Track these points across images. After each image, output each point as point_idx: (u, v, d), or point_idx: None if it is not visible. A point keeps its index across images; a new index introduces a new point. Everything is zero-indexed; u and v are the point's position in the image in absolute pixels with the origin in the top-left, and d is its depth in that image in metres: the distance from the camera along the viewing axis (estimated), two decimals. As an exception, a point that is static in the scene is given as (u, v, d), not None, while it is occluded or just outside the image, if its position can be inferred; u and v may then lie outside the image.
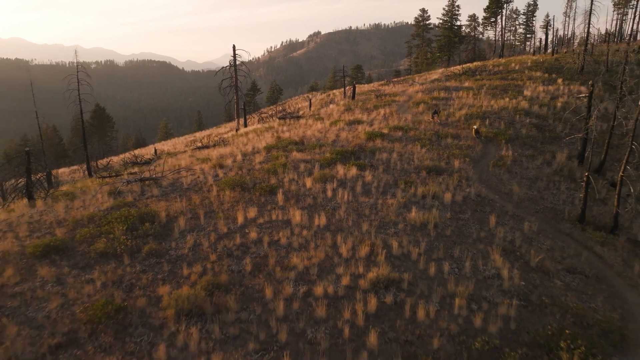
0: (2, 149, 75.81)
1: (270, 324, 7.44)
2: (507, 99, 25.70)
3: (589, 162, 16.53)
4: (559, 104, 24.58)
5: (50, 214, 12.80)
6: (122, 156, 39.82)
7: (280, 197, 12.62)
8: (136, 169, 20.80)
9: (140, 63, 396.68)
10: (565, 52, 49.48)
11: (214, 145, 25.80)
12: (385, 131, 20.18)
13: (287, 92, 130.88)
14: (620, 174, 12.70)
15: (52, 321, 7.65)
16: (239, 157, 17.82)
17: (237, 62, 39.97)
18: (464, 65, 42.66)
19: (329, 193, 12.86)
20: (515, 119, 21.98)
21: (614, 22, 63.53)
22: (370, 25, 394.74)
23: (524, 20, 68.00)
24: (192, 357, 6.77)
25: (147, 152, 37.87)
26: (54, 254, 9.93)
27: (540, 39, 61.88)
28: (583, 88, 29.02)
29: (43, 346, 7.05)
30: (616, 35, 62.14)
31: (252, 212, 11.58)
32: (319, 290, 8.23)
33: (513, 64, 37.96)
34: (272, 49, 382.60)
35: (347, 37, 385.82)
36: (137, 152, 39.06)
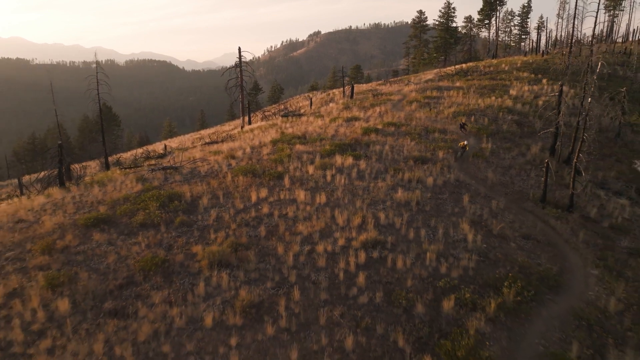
0: (11, 147, 78.01)
1: (282, 271, 9.64)
2: (493, 98, 27.90)
3: (559, 153, 18.70)
4: (540, 102, 26.76)
5: (88, 196, 14.99)
6: (131, 152, 41.94)
7: (286, 181, 14.82)
8: (153, 162, 22.98)
9: (141, 63, 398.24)
10: (555, 53, 51.72)
11: (222, 141, 27.98)
12: (380, 127, 22.37)
13: (288, 92, 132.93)
14: (575, 161, 14.90)
15: (112, 270, 9.86)
16: (248, 149, 20.00)
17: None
18: (457, 66, 44.83)
19: (328, 178, 15.06)
20: (498, 116, 24.16)
21: (605, 23, 65.67)
22: (370, 25, 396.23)
23: (519, 21, 70.15)
24: (224, 292, 8.97)
25: (156, 148, 40.05)
26: (102, 224, 12.12)
27: (532, 40, 63.90)
28: (565, 88, 31.19)
29: (109, 285, 9.25)
30: (606, 36, 64.34)
31: (263, 193, 13.78)
32: (320, 248, 10.43)
33: (503, 65, 40.15)
34: (272, 49, 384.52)
35: (347, 37, 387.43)
36: (148, 148, 41.19)
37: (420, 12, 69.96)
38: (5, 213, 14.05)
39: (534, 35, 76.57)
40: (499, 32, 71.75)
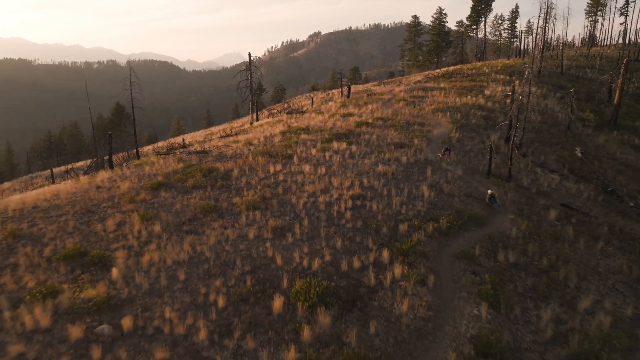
0: (16, 146, 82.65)
1: (295, 211, 14.49)
2: (469, 97, 32.78)
3: (511, 140, 23.52)
4: (508, 101, 31.59)
5: (143, 172, 19.83)
6: (152, 146, 46.73)
7: (295, 159, 19.69)
8: (180, 150, 27.79)
9: (142, 63, 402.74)
10: (537, 56, 56.52)
11: (236, 134, 32.86)
12: (370, 121, 27.26)
13: (289, 92, 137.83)
14: (511, 144, 19.77)
15: (181, 211, 14.72)
16: (262, 139, 24.88)
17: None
18: (444, 69, 49.75)
19: (327, 157, 19.93)
20: (470, 112, 29.02)
21: (587, 28, 70.60)
22: (370, 25, 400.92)
23: (509, 25, 75.06)
24: (258, 221, 13.80)
25: (174, 142, 44.88)
26: (164, 187, 16.98)
27: (516, 44, 68.80)
28: (533, 88, 36.08)
29: (182, 219, 14.12)
30: (588, 40, 69.28)
31: (278, 167, 18.65)
32: (320, 199, 15.29)
33: (485, 68, 45.06)
34: (273, 49, 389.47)
35: (347, 37, 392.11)
36: (169, 141, 45.99)
37: (415, 17, 74.93)
38: (79, 185, 18.88)
39: (524, 38, 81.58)
40: (490, 35, 76.80)
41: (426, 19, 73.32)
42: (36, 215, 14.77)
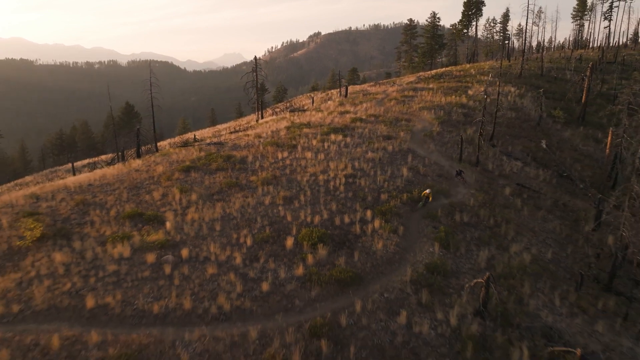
0: (32, 144, 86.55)
1: (300, 186, 18.49)
2: (454, 97, 36.76)
3: (478, 132, 27.49)
4: (488, 100, 35.56)
5: (171, 159, 23.81)
6: (165, 142, 50.68)
7: (299, 148, 23.69)
8: (196, 143, 31.73)
9: (143, 63, 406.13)
10: (527, 59, 60.56)
11: (245, 130, 36.84)
12: (364, 117, 31.25)
13: (289, 92, 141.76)
14: (479, 135, 23.77)
15: (210, 186, 18.71)
16: (269, 132, 28.88)
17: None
18: (434, 71, 53.76)
19: (326, 146, 23.93)
20: (452, 110, 33.00)
21: (573, 31, 74.66)
22: (369, 25, 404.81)
23: (500, 28, 79.04)
24: (271, 193, 17.78)
25: (187, 137, 48.90)
26: (192, 169, 20.96)
27: (505, 47, 72.70)
28: (512, 89, 40.16)
29: (211, 191, 18.12)
30: (573, 43, 73.29)
31: (285, 154, 22.65)
32: (320, 177, 19.29)
33: (472, 70, 49.05)
34: (273, 49, 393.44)
35: (347, 38, 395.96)
36: (182, 136, 49.93)
37: (411, 20, 78.88)
38: (119, 170, 22.85)
39: (514, 40, 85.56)
40: (484, 37, 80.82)
41: (425, 19, 76.86)
42: (94, 190, 18.79)
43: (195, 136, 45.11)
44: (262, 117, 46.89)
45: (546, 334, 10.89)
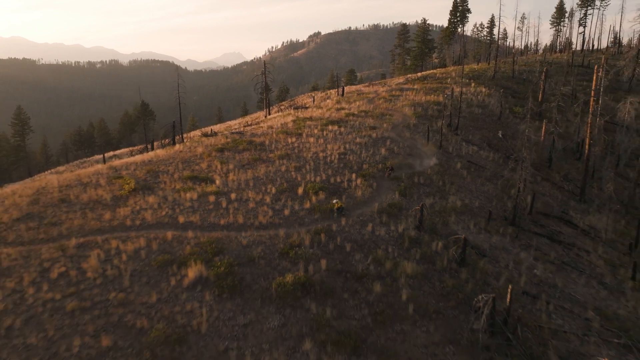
0: (62, 138, 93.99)
1: (306, 159, 25.91)
2: (432, 96, 44.18)
3: (450, 124, 34.88)
4: (454, 99, 42.96)
5: (204, 144, 31.18)
6: (190, 134, 58.11)
7: (304, 135, 31.11)
8: (219, 133, 39.06)
9: (144, 62, 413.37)
10: (503, 62, 68.08)
11: (257, 123, 44.23)
12: (356, 112, 38.65)
13: (290, 91, 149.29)
14: (440, 125, 31.16)
15: (240, 161, 26.13)
16: (279, 125, 36.28)
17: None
18: (421, 73, 61.20)
19: (324, 134, 31.34)
20: (429, 107, 40.40)
21: (552, 36, 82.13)
22: (369, 25, 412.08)
23: (487, 32, 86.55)
24: (285, 164, 25.18)
25: (205, 131, 56.20)
26: (224, 150, 28.37)
27: (491, 50, 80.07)
28: (484, 89, 47.58)
29: (242, 163, 25.55)
30: (551, 47, 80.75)
31: (294, 139, 30.08)
32: (320, 154, 26.72)
33: (453, 72, 56.48)
34: (273, 49, 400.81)
35: (347, 38, 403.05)
36: (202, 130, 57.21)
37: (404, 26, 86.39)
38: (164, 152, 30.18)
39: (501, 44, 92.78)
40: (471, 41, 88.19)
41: (425, 18, 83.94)
42: (156, 163, 26.18)
43: (212, 130, 52.42)
44: (270, 114, 54.29)
45: (456, 238, 18.28)
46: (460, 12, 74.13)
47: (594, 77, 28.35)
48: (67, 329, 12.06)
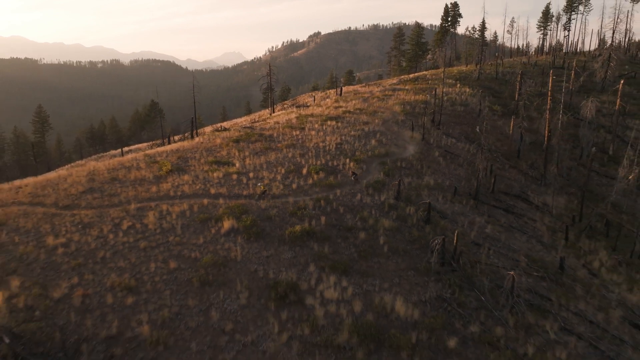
0: (75, 135, 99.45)
1: (309, 148, 31.41)
2: (421, 96, 49.66)
3: (434, 120, 40.32)
4: (445, 98, 48.49)
5: (221, 136, 36.65)
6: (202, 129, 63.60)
7: (306, 129, 36.61)
8: (231, 128, 44.54)
9: (145, 62, 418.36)
10: (490, 64, 73.56)
11: (264, 120, 49.70)
12: (351, 110, 44.14)
13: (291, 91, 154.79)
14: (422, 121, 36.63)
15: (254, 149, 31.62)
16: (284, 120, 41.76)
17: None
18: (413, 74, 66.71)
19: (324, 128, 36.84)
20: (417, 105, 45.89)
21: (539, 40, 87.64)
22: (369, 26, 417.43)
23: (479, 35, 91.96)
24: (291, 151, 30.67)
25: (216, 127, 61.63)
26: (239, 141, 33.85)
27: (483, 52, 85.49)
28: (468, 89, 53.06)
29: (255, 151, 31.04)
30: (538, 50, 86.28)
31: (298, 132, 35.59)
32: (320, 144, 32.22)
33: (441, 74, 61.88)
34: (274, 49, 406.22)
35: (347, 38, 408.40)
36: (213, 126, 62.61)
37: (399, 29, 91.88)
38: (186, 143, 35.64)
39: (493, 45, 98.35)
40: (463, 43, 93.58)
41: (424, 18, 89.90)
42: (183, 152, 31.64)
43: (221, 126, 57.79)
44: (274, 112, 59.77)
45: (424, 203, 23.74)
46: (451, 16, 79.63)
47: (550, 80, 33.83)
48: (143, 258, 17.50)
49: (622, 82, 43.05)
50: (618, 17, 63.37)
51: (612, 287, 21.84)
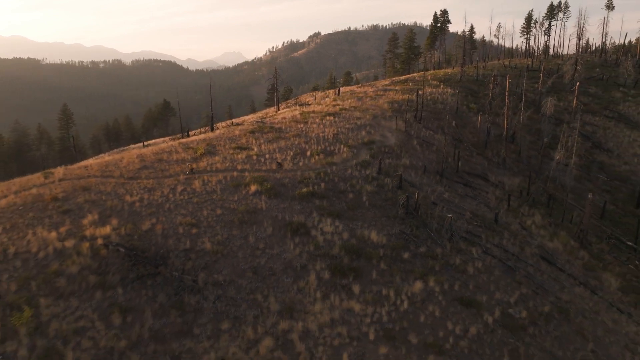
0: (91, 132, 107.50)
1: (311, 137, 39.61)
2: (407, 95, 57.83)
3: (416, 116, 48.48)
4: (429, 97, 56.64)
5: (238, 129, 44.82)
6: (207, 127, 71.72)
7: (309, 123, 44.81)
8: (244, 123, 52.71)
9: (146, 62, 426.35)
10: (475, 66, 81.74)
11: (270, 117, 57.88)
12: (347, 107, 52.34)
13: (292, 91, 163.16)
14: (405, 117, 44.79)
15: (267, 138, 39.84)
16: (289, 116, 49.94)
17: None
18: (404, 76, 74.91)
19: (323, 122, 45.03)
20: (404, 103, 54.05)
21: (522, 44, 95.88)
22: (368, 26, 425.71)
23: (469, 38, 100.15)
24: (298, 140, 38.84)
25: (228, 123, 69.78)
26: (254, 132, 42.04)
27: (470, 55, 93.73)
28: (450, 90, 61.24)
29: (268, 139, 39.26)
30: (525, 53, 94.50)
31: (302, 126, 43.80)
32: (320, 135, 40.42)
33: (429, 76, 70.11)
34: (274, 49, 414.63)
35: (346, 38, 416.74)
36: (226, 122, 70.75)
37: (394, 34, 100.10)
38: (208, 135, 43.80)
39: (481, 49, 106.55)
40: (453, 47, 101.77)
41: (423, 19, 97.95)
42: (209, 140, 39.76)
43: (233, 122, 65.91)
44: (279, 110, 67.93)
45: (397, 175, 31.85)
46: (441, 22, 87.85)
47: (506, 84, 41.96)
48: (197, 208, 25.63)
49: (577, 84, 51.26)
50: (583, 27, 71.50)
51: (535, 237, 30.02)
